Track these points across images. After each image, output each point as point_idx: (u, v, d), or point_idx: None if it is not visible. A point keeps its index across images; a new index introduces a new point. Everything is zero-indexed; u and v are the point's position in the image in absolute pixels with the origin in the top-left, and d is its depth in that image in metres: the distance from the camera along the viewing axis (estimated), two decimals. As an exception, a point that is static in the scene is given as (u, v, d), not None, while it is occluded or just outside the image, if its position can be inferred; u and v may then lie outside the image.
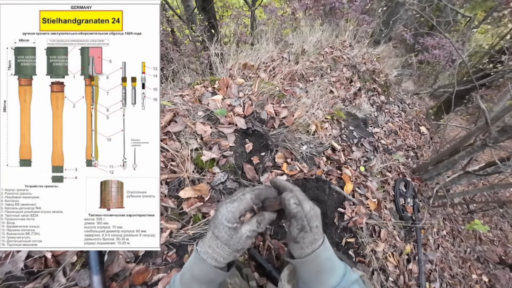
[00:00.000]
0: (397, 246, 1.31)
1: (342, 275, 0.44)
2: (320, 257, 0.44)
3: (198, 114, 1.02)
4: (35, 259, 0.62)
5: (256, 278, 0.81)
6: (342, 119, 1.67)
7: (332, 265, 0.45)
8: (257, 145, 1.10)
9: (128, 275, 0.70)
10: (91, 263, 0.64)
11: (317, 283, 0.45)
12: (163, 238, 0.77)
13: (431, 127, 3.13)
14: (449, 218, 2.43)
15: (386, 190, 1.47)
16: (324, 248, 0.45)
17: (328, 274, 0.44)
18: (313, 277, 0.45)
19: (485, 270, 2.45)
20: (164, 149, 0.88)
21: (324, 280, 0.44)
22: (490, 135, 1.23)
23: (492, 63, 3.27)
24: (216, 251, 0.43)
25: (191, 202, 0.85)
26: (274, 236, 0.95)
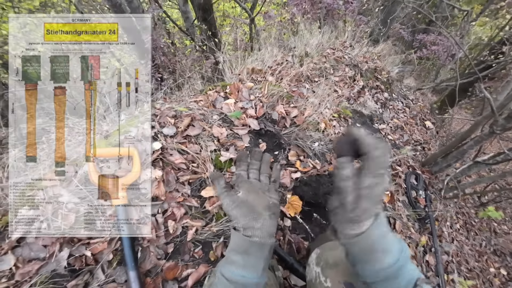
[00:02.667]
0: (412, 238, 1.32)
1: (399, 252, 0.41)
2: (372, 235, 0.40)
3: (213, 117, 1.07)
4: (76, 257, 0.66)
5: (280, 270, 0.84)
6: (349, 117, 1.71)
7: (387, 244, 0.41)
8: (270, 145, 1.14)
9: (159, 271, 0.74)
10: (127, 260, 0.68)
11: (368, 262, 0.42)
12: (189, 235, 0.81)
13: (436, 121, 3.14)
14: (461, 211, 2.42)
15: (397, 183, 1.49)
16: (376, 225, 0.41)
17: (382, 254, 0.41)
18: (365, 256, 0.42)
19: (503, 263, 2.42)
20: (184, 152, 0.93)
21: (376, 261, 0.41)
22: (497, 123, 1.25)
23: (493, 54, 3.29)
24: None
25: (213, 201, 0.89)
26: (293, 231, 0.99)
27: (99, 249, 0.69)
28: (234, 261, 0.47)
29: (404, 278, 0.40)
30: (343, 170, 0.42)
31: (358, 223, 0.41)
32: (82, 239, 0.68)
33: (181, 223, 0.82)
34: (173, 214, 0.81)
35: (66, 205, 0.71)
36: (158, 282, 0.72)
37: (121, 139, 0.88)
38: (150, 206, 0.80)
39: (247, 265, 0.46)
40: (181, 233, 0.81)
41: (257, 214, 0.51)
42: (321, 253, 0.58)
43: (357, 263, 0.43)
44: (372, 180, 0.40)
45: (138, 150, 0.86)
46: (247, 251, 0.47)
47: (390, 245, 0.41)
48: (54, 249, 0.64)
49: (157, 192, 0.81)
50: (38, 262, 0.62)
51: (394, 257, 0.40)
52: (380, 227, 0.41)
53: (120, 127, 0.96)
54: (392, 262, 0.40)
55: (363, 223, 0.41)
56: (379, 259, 0.40)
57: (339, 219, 0.43)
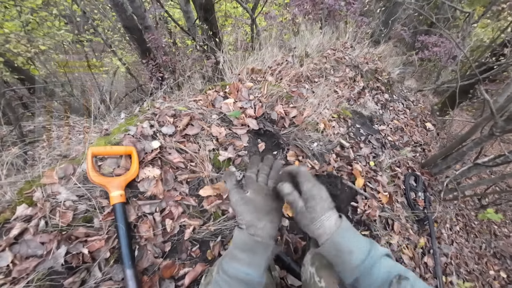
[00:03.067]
0: (411, 239, 1.32)
1: (366, 252, 0.45)
2: (336, 239, 0.46)
3: (212, 117, 1.07)
4: (73, 255, 0.66)
5: (277, 270, 0.84)
6: (349, 118, 1.71)
7: (352, 245, 0.46)
8: (269, 144, 1.14)
9: (157, 269, 0.74)
10: (124, 258, 0.69)
11: (340, 263, 0.46)
12: (187, 234, 0.82)
13: (437, 123, 3.14)
14: (461, 214, 2.41)
15: (396, 184, 1.49)
16: (337, 232, 0.47)
17: (349, 254, 0.45)
18: (336, 258, 0.47)
19: (502, 266, 2.40)
20: (183, 151, 0.93)
21: (346, 261, 0.45)
22: (497, 124, 1.25)
23: (494, 56, 3.28)
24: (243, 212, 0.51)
25: (211, 200, 0.90)
26: (291, 231, 0.99)
27: (97, 247, 0.69)
28: (239, 258, 0.47)
29: (378, 277, 0.43)
30: (284, 189, 0.51)
31: (317, 220, 0.48)
32: (79, 236, 0.68)
33: (179, 221, 0.82)
34: (170, 213, 0.82)
35: (64, 203, 0.71)
36: (155, 281, 0.72)
37: (120, 137, 0.89)
38: (148, 204, 0.81)
39: (252, 263, 0.47)
40: (179, 231, 0.81)
41: (261, 214, 0.52)
42: (316, 253, 0.58)
43: (335, 266, 0.49)
44: (308, 184, 0.51)
45: (137, 148, 0.86)
46: (253, 249, 0.48)
47: (355, 247, 0.46)
48: (51, 246, 0.64)
49: (155, 191, 0.82)
50: (36, 259, 0.62)
51: (361, 256, 0.45)
52: (343, 232, 0.47)
53: (120, 125, 0.96)
54: (359, 261, 0.44)
55: (323, 222, 0.48)
56: (346, 259, 0.45)
57: (304, 223, 0.50)
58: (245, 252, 0.47)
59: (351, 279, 0.45)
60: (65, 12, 4.51)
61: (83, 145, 0.88)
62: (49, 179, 0.74)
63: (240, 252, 0.47)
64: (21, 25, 3.83)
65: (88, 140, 0.89)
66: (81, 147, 0.88)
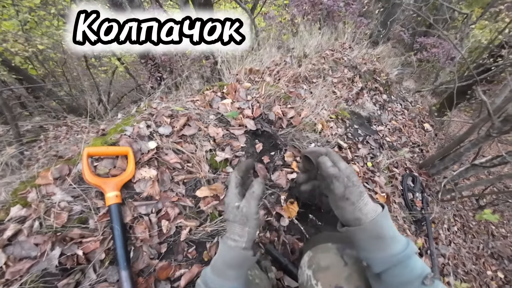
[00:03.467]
0: (409, 240, 1.32)
1: (406, 243, 0.42)
2: (380, 222, 0.42)
3: (209, 117, 1.07)
4: (67, 256, 0.66)
5: (274, 271, 0.84)
6: (347, 118, 1.71)
7: (394, 233, 0.43)
8: (266, 145, 1.14)
9: (152, 271, 0.74)
10: (119, 260, 0.68)
11: (377, 250, 0.42)
12: (183, 235, 0.81)
13: (435, 123, 3.14)
14: (459, 214, 2.42)
15: (394, 185, 1.49)
16: (384, 215, 0.43)
17: (391, 240, 0.42)
18: (374, 243, 0.42)
19: (500, 266, 2.41)
20: (180, 151, 0.92)
21: (385, 247, 0.41)
22: (494, 125, 1.25)
23: (492, 57, 3.30)
24: (234, 232, 0.47)
25: (207, 200, 0.89)
26: (288, 232, 0.98)
27: (91, 248, 0.68)
28: (228, 275, 0.46)
29: (416, 268, 0.41)
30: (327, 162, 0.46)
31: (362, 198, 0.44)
32: (74, 238, 0.68)
33: (175, 222, 0.81)
34: (167, 214, 0.81)
35: (59, 204, 0.70)
36: (151, 282, 0.72)
37: (116, 137, 0.88)
38: (144, 205, 0.80)
39: (239, 277, 0.47)
40: (175, 233, 0.80)
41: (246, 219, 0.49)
42: (313, 255, 0.58)
43: (364, 251, 0.44)
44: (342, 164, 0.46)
45: (133, 149, 0.86)
46: (241, 264, 0.47)
47: (398, 234, 0.43)
48: (45, 247, 0.64)
49: (151, 192, 0.81)
50: (29, 261, 0.62)
51: (403, 245, 0.42)
52: (387, 217, 0.43)
53: (116, 126, 0.96)
54: (401, 249, 0.41)
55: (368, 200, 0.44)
56: (388, 245, 0.42)
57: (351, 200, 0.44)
58: (234, 269, 0.47)
59: (383, 267, 0.42)
60: (64, 11, 4.49)
61: (79, 146, 0.87)
62: (44, 180, 0.73)
63: (228, 268, 0.47)
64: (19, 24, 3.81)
65: (84, 140, 0.88)
66: (77, 148, 0.88)
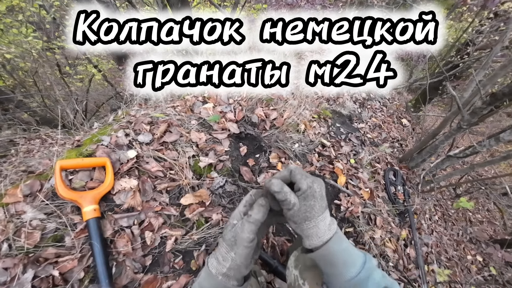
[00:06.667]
0: (393, 232, 1.37)
1: (361, 264, 0.43)
2: (331, 249, 0.43)
3: (191, 123, 1.05)
4: (42, 279, 0.61)
5: (264, 275, 0.83)
6: (329, 117, 1.75)
7: (348, 257, 0.44)
8: (251, 148, 1.14)
9: (137, 285, 0.70)
10: (100, 277, 0.64)
11: (332, 275, 0.44)
12: (168, 245, 0.78)
13: (412, 118, 3.30)
14: (439, 204, 2.54)
15: (376, 180, 1.54)
16: (334, 241, 0.44)
17: (343, 266, 0.43)
18: (328, 269, 0.45)
19: (478, 250, 2.56)
20: (162, 159, 0.90)
21: (338, 274, 0.43)
22: (463, 118, 1.33)
23: (459, 55, 3.53)
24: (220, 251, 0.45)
25: (193, 208, 0.87)
26: (277, 234, 0.98)
27: (69, 267, 0.64)
28: None
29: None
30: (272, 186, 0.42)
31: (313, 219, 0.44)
32: (49, 258, 0.63)
33: (159, 233, 0.79)
34: (150, 225, 0.78)
35: (30, 223, 0.66)
36: (136, 298, 0.68)
37: (93, 148, 0.84)
38: (125, 217, 0.77)
39: None
40: (160, 243, 0.78)
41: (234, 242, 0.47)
42: (299, 255, 0.58)
43: (323, 274, 0.46)
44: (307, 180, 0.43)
45: (111, 159, 0.82)
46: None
47: (350, 258, 0.43)
48: (16, 271, 0.59)
49: (133, 203, 0.78)
50: (-2, 287, 0.57)
51: (357, 268, 0.42)
52: (339, 242, 0.44)
53: (92, 136, 0.91)
54: (355, 272, 0.42)
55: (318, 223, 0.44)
56: (340, 272, 0.43)
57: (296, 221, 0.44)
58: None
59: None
60: (33, 18, 4.26)
61: (51, 159, 0.82)
62: (12, 198, 0.68)
63: None
64: (-17, 33, 3.56)
65: (58, 153, 0.83)
66: (50, 161, 0.83)
